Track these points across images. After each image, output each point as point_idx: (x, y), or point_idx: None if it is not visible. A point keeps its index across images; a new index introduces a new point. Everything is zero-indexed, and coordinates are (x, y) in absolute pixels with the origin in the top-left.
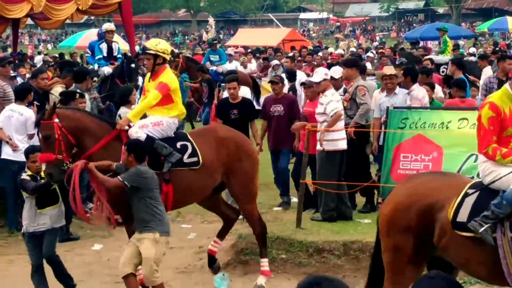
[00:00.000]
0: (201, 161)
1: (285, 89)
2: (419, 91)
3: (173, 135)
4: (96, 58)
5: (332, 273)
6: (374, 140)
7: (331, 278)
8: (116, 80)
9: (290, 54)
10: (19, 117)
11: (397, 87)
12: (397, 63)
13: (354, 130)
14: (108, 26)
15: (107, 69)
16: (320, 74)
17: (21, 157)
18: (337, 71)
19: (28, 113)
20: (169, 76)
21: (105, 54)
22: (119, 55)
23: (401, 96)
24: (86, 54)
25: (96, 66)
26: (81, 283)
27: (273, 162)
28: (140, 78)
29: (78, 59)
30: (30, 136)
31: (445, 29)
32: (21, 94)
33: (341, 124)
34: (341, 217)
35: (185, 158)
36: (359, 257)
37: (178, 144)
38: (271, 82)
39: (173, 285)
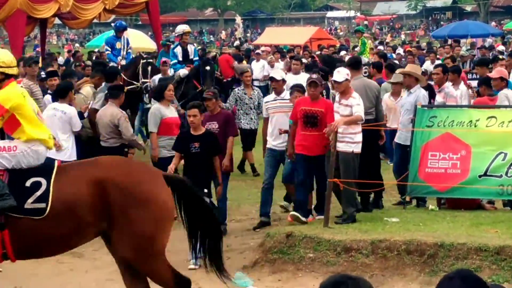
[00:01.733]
0: (48, 209)
1: None
2: (453, 90)
3: (34, 166)
4: (171, 63)
5: (360, 272)
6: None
7: (355, 277)
8: (194, 81)
9: (318, 53)
10: (63, 115)
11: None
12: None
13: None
14: (185, 27)
15: (182, 71)
16: (342, 73)
17: (63, 157)
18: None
19: (71, 111)
20: (4, 94)
21: (180, 59)
22: (196, 58)
23: (419, 94)
24: (106, 52)
25: (172, 71)
26: (111, 282)
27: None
28: None
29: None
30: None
31: (362, 30)
32: (62, 92)
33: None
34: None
35: (29, 203)
36: (387, 256)
37: (29, 182)
38: (203, 98)
39: None
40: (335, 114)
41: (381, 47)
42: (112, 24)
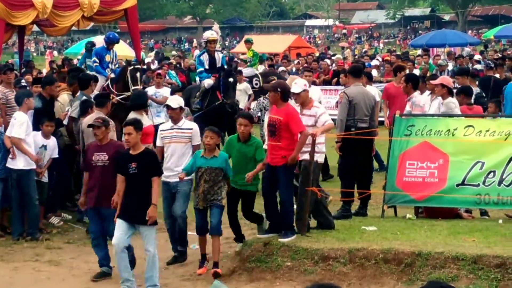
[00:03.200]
0: None
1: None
2: (421, 98)
3: None
4: (198, 71)
5: (337, 280)
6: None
7: (336, 285)
8: (217, 92)
9: (296, 61)
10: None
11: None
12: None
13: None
14: (210, 34)
15: (207, 82)
16: (299, 84)
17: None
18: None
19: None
20: None
21: (207, 67)
22: (225, 65)
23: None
24: (94, 64)
25: (197, 80)
26: None
27: (92, 220)
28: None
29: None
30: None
31: (251, 41)
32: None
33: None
34: (323, 226)
35: None
36: (365, 265)
37: None
38: (90, 126)
39: None
40: None
41: (339, 56)
42: (94, 38)
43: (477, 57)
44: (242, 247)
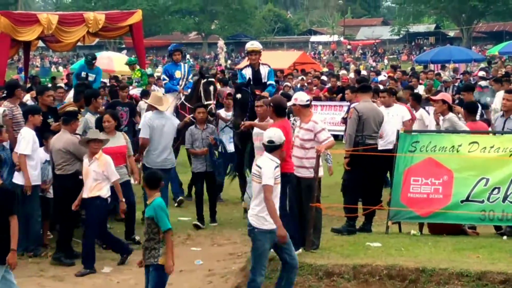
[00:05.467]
0: None
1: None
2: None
3: None
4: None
5: None
6: None
7: None
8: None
9: (300, 77)
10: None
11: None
12: None
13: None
14: (249, 45)
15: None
16: (295, 98)
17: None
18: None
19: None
20: None
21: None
22: (270, 81)
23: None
24: (164, 81)
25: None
26: None
27: None
28: None
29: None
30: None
31: (133, 62)
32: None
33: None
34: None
35: None
36: (369, 281)
37: None
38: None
39: None
40: (295, 139)
41: (345, 72)
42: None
43: (481, 73)
44: (246, 262)
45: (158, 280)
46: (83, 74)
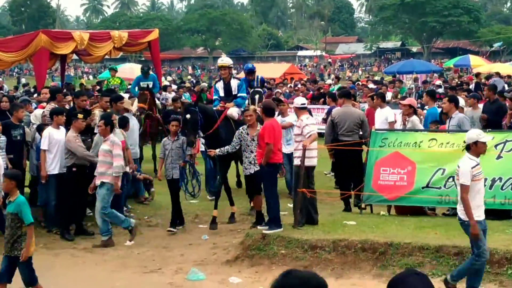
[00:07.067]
0: None
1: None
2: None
3: None
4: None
5: (323, 265)
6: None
7: (310, 273)
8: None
9: (289, 85)
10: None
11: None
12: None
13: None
14: (221, 61)
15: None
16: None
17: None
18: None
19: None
20: None
21: (222, 94)
22: (241, 94)
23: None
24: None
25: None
26: (116, 272)
27: None
28: None
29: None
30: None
31: (115, 69)
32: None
33: (315, 144)
34: (309, 221)
35: None
36: (346, 253)
37: None
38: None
39: None
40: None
41: (322, 82)
42: (122, 65)
43: (438, 82)
44: (244, 237)
45: (27, 270)
46: (142, 84)
